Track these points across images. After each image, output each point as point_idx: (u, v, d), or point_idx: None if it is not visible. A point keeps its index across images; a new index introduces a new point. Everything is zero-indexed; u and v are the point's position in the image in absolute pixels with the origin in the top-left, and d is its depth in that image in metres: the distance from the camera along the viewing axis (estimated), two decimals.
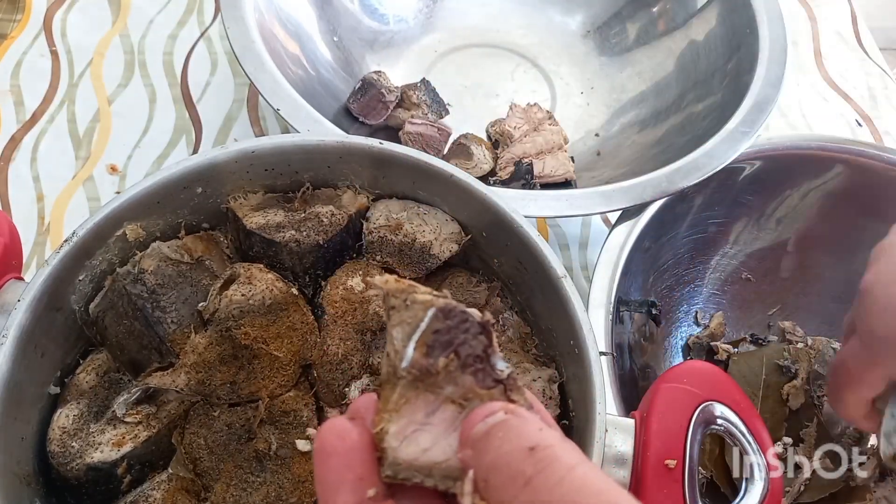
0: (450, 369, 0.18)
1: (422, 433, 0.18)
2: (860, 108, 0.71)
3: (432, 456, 0.18)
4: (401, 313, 0.19)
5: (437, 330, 0.18)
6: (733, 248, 0.57)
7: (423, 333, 0.19)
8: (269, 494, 0.33)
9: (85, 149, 0.58)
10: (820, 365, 0.53)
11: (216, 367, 0.35)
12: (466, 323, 0.19)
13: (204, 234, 0.40)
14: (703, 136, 0.52)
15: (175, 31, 0.66)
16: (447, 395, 0.18)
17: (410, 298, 0.19)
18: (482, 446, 0.17)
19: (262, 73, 0.48)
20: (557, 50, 0.68)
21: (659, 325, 0.53)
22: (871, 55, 0.75)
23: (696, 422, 0.32)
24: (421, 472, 0.18)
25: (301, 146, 0.39)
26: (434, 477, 0.18)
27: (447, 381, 0.18)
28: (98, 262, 0.36)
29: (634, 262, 0.48)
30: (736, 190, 0.55)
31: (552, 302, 0.36)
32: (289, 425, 0.35)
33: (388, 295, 0.19)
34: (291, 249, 0.38)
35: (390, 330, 0.19)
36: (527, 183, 0.55)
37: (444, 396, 0.18)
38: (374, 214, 0.41)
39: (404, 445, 0.18)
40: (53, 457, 0.33)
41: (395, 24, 0.66)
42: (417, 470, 0.18)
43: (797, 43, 0.75)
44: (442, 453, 0.18)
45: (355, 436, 0.18)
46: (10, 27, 0.64)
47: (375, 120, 0.58)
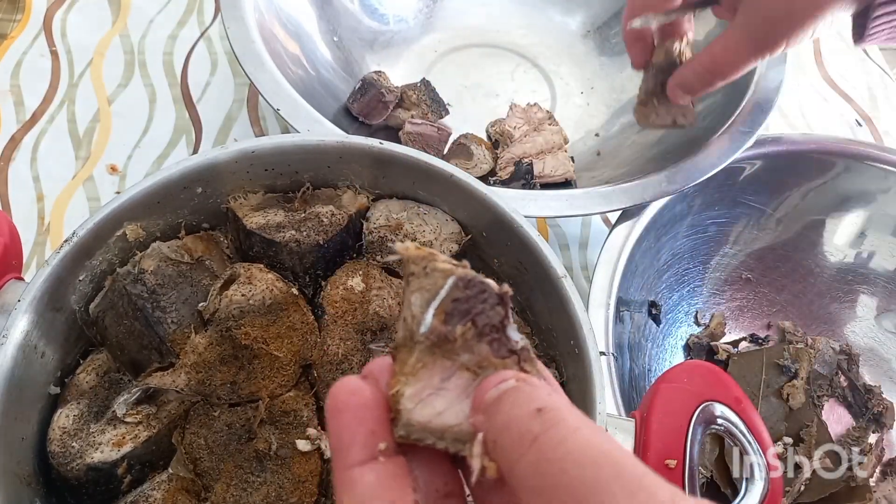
0: (466, 337, 0.19)
1: (436, 397, 0.19)
2: (860, 108, 0.71)
3: (445, 419, 0.18)
4: (420, 280, 0.19)
5: (456, 298, 0.19)
6: (733, 248, 0.57)
7: (442, 301, 0.19)
8: (270, 494, 0.33)
9: (85, 149, 0.58)
10: (820, 365, 0.53)
11: (216, 367, 0.35)
12: (485, 293, 0.19)
13: (204, 234, 0.40)
14: (704, 136, 0.52)
15: (175, 31, 0.66)
16: (463, 362, 0.19)
17: (431, 266, 0.19)
18: (493, 410, 0.17)
19: (262, 73, 0.48)
20: (557, 50, 0.68)
21: (659, 324, 0.53)
22: (870, 55, 0.75)
23: (696, 422, 0.32)
24: (433, 434, 0.18)
25: (301, 146, 0.39)
26: (446, 439, 0.18)
27: (463, 348, 0.19)
28: (98, 263, 0.36)
29: (634, 262, 0.48)
30: (736, 190, 0.55)
31: (552, 302, 0.36)
32: (289, 425, 0.35)
33: (408, 261, 0.19)
34: (291, 249, 0.38)
35: (409, 296, 0.19)
36: (527, 183, 0.55)
37: (460, 363, 0.19)
38: (374, 214, 0.41)
39: (419, 408, 0.18)
40: (54, 457, 0.33)
41: (395, 24, 0.66)
42: (430, 432, 0.18)
43: None
44: (455, 417, 0.18)
45: (367, 392, 0.19)
46: (10, 27, 0.64)
47: (375, 120, 0.58)
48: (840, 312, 0.57)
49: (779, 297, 0.57)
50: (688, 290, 0.56)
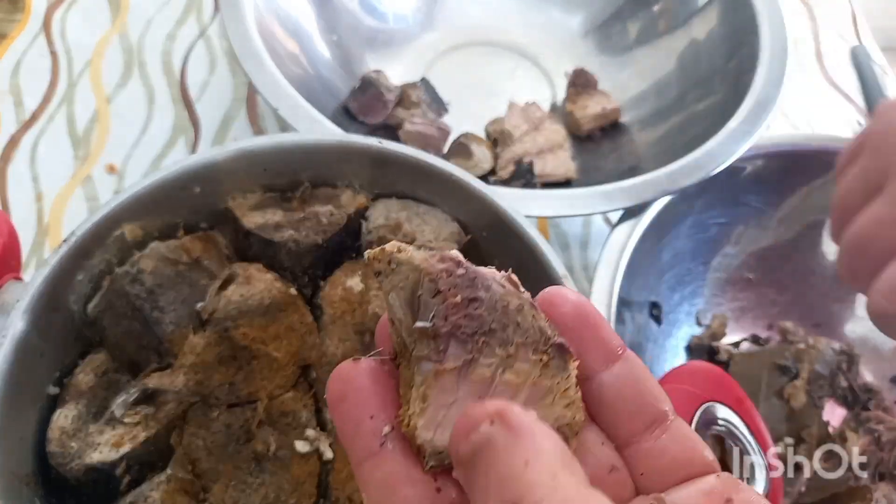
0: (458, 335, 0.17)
1: (453, 414, 0.17)
2: (861, 108, 0.71)
3: None
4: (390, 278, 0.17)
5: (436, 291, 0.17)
6: (735, 248, 0.57)
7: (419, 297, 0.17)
8: (268, 496, 0.33)
9: (84, 148, 0.58)
10: (821, 365, 0.53)
11: (214, 367, 0.35)
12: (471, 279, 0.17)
13: (202, 234, 0.39)
14: (705, 135, 0.52)
15: (174, 31, 0.66)
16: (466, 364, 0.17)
17: (395, 259, 0.17)
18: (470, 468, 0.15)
19: (261, 72, 0.48)
20: (558, 49, 0.68)
21: (660, 325, 0.53)
22: (871, 55, 0.75)
23: (699, 423, 0.32)
24: None
25: (300, 145, 0.39)
26: None
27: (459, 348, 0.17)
28: (96, 263, 0.36)
29: (635, 262, 0.48)
30: (737, 190, 0.55)
31: None
32: (288, 426, 0.35)
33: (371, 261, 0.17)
34: (290, 249, 0.38)
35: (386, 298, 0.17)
36: (527, 182, 0.55)
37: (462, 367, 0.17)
38: (374, 214, 0.40)
39: (438, 433, 0.16)
40: (53, 457, 0.32)
41: (395, 22, 0.66)
42: None
43: (798, 43, 0.75)
44: None
45: (363, 376, 0.17)
46: (9, 27, 0.64)
47: (375, 119, 0.58)
48: (841, 312, 0.57)
49: (780, 297, 0.57)
50: (689, 291, 0.56)
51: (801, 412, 0.50)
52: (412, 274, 0.17)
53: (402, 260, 0.17)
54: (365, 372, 0.17)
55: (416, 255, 0.17)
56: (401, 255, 0.17)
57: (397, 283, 0.17)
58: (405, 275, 0.17)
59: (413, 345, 0.17)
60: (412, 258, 0.17)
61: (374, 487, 0.16)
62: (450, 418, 0.16)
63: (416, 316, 0.17)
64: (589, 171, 0.58)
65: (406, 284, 0.17)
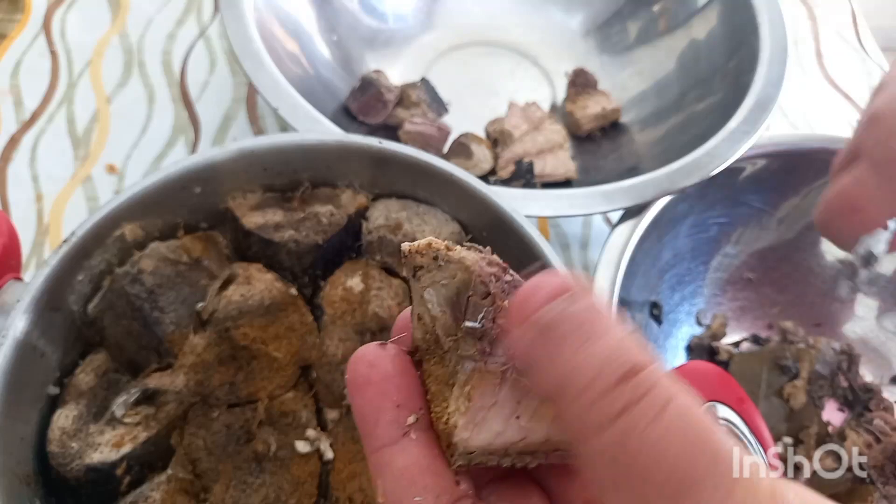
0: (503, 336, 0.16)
1: (491, 416, 0.16)
2: (861, 107, 0.71)
3: (508, 437, 0.16)
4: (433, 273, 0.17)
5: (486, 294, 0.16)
6: (735, 247, 0.57)
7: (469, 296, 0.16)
8: (268, 496, 0.33)
9: (84, 148, 0.58)
10: (821, 365, 0.53)
11: (214, 367, 0.35)
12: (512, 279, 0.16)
13: (202, 234, 0.39)
14: (705, 135, 0.52)
15: (174, 31, 0.66)
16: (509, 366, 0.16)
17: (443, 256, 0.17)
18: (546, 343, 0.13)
19: (261, 72, 0.48)
20: (558, 49, 0.68)
21: (660, 325, 0.53)
22: (871, 55, 0.75)
23: None
24: (496, 455, 0.16)
25: (300, 145, 0.39)
26: (510, 456, 0.17)
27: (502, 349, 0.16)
28: (97, 263, 0.36)
29: (636, 262, 0.48)
30: (738, 189, 0.55)
31: None
32: (288, 426, 0.35)
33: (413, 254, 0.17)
34: (290, 249, 0.38)
35: (420, 293, 0.17)
36: (527, 182, 0.55)
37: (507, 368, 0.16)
38: (374, 214, 0.40)
39: (475, 433, 0.16)
40: (53, 457, 0.32)
41: (395, 22, 0.66)
42: (492, 453, 0.16)
43: (798, 43, 0.75)
44: (517, 432, 0.16)
45: (388, 363, 0.17)
46: (9, 27, 0.64)
47: (375, 119, 0.58)
48: (841, 312, 0.57)
49: (780, 297, 0.57)
50: (689, 291, 0.56)
51: (800, 412, 0.50)
52: (461, 274, 0.16)
53: (452, 259, 0.17)
54: (391, 359, 0.17)
55: (468, 256, 0.17)
56: (451, 254, 0.17)
57: (439, 280, 0.17)
58: (451, 273, 0.17)
59: (452, 343, 0.16)
60: (464, 258, 0.17)
61: (391, 475, 0.16)
62: (488, 420, 0.16)
63: (461, 315, 0.16)
64: (589, 171, 0.58)
65: (451, 283, 0.17)
